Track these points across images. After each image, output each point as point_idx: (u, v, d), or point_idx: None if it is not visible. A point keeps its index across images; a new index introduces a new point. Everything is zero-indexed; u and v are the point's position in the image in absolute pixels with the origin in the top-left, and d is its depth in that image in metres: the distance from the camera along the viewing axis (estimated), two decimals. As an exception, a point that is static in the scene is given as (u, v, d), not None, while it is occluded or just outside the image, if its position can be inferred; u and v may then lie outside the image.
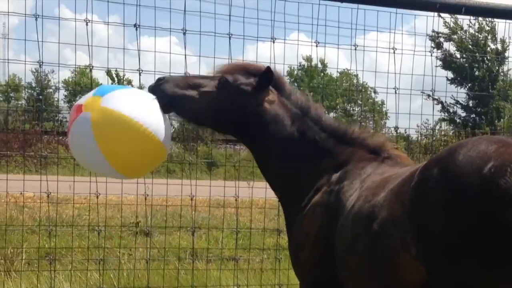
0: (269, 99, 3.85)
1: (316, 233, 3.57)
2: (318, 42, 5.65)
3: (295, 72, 38.14)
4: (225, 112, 3.82)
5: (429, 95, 13.43)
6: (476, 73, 29.01)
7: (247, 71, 3.88)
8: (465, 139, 2.93)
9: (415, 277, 2.79)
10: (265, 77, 3.80)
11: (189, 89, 3.83)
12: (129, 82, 34.21)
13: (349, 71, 6.39)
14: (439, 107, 28.93)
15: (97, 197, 5.35)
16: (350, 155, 3.78)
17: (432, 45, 25.57)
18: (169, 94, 3.75)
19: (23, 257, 7.38)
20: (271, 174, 4.02)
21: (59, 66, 5.60)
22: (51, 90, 34.22)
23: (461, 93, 30.51)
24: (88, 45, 5.21)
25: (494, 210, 2.45)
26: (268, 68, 3.81)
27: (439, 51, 28.10)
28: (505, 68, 28.13)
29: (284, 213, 4.05)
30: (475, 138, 2.83)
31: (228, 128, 4.00)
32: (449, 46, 29.61)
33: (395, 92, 5.75)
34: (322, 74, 30.88)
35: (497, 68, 28.44)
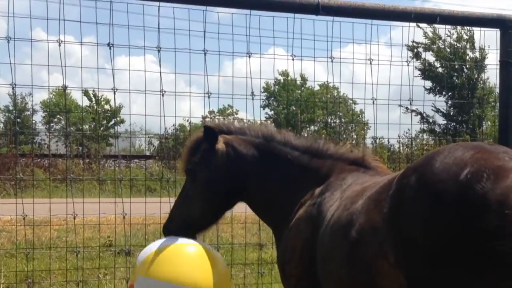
0: (223, 146, 4.03)
1: (302, 246, 3.58)
2: (295, 56, 5.66)
3: (272, 87, 38.30)
4: (212, 193, 4.04)
5: (407, 108, 13.52)
6: (456, 81, 29.38)
7: (193, 149, 4.11)
8: (442, 146, 2.93)
9: (394, 285, 2.78)
10: (207, 136, 4.00)
11: (183, 213, 4.08)
12: (107, 102, 34.08)
13: (328, 83, 6.37)
14: (418, 118, 29.24)
15: (74, 218, 5.26)
16: (331, 168, 3.84)
17: (411, 55, 25.88)
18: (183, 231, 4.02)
19: (2, 281, 7.24)
20: (261, 208, 4.15)
21: (32, 87, 5.57)
22: (28, 112, 33.98)
23: (441, 102, 30.78)
24: (62, 66, 5.19)
25: (471, 216, 2.44)
26: (205, 127, 4.04)
27: (418, 61, 28.44)
28: (484, 76, 28.54)
29: (274, 232, 4.14)
30: (451, 145, 2.84)
31: (225, 196, 4.12)
32: (428, 56, 29.98)
33: (373, 103, 5.77)
34: (302, 88, 31.03)
35: (476, 76, 28.85)
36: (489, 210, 2.41)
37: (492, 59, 5.19)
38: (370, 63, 5.70)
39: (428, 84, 29.46)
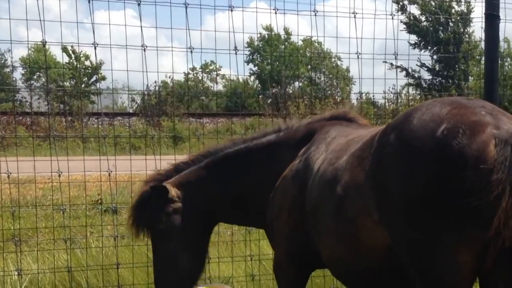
0: (176, 190, 3.98)
1: (290, 205, 3.60)
2: (277, 9, 5.59)
3: (256, 43, 37.90)
4: (192, 235, 3.96)
5: (392, 64, 13.50)
6: (441, 35, 29.26)
7: (143, 211, 4.01)
8: (420, 103, 2.95)
9: (378, 241, 2.83)
10: (157, 193, 3.93)
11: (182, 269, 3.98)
12: (87, 58, 33.52)
13: (312, 38, 6.30)
14: (404, 73, 29.23)
15: (59, 176, 5.24)
16: (310, 129, 3.83)
17: (396, 8, 25.66)
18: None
19: (-12, 240, 7.25)
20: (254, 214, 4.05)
21: (11, 42, 5.48)
22: (8, 70, 33.40)
23: (426, 56, 30.68)
24: (40, 20, 5.07)
25: (448, 172, 2.47)
26: (152, 188, 3.96)
27: (403, 14, 28.24)
28: (470, 30, 28.42)
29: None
30: (429, 101, 2.86)
31: (205, 228, 4.12)
32: (413, 10, 29.73)
33: (358, 57, 5.74)
34: (286, 43, 30.76)
35: (462, 30, 28.75)
36: (465, 166, 2.44)
37: (478, 13, 5.15)
38: (354, 17, 5.64)
39: (414, 38, 29.34)
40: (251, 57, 41.36)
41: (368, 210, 2.82)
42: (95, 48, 5.29)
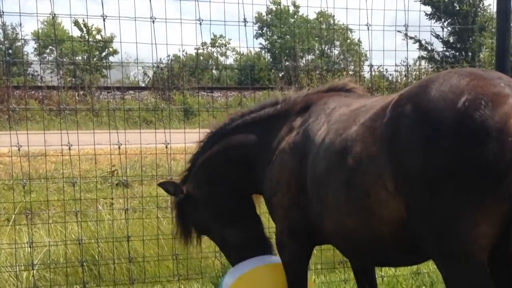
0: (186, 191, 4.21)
1: (287, 178, 3.54)
2: (288, -20, 5.51)
3: (265, 17, 37.54)
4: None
5: (406, 34, 13.32)
6: (457, 7, 28.78)
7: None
8: (435, 74, 2.89)
9: (392, 213, 2.79)
10: (170, 189, 4.23)
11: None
12: (99, 32, 33.41)
13: (322, 9, 6.21)
14: (417, 45, 28.82)
15: (70, 149, 5.26)
16: (307, 100, 3.78)
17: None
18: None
19: (2, 213, 7.33)
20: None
21: (20, 15, 5.47)
22: (19, 43, 33.37)
23: (438, 27, 30.18)
24: (49, -10, 5.05)
25: (470, 144, 2.44)
26: (159, 184, 4.34)
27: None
28: (485, 3, 27.93)
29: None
30: (445, 72, 2.80)
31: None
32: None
33: (368, 29, 5.66)
34: (295, 16, 30.45)
35: (477, 2, 28.27)
36: (488, 138, 2.41)
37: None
38: (366, -12, 5.55)
39: (428, 10, 28.84)
40: (260, 31, 41.00)
41: (382, 182, 2.77)
42: (104, 20, 5.29)
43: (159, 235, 5.83)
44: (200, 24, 5.37)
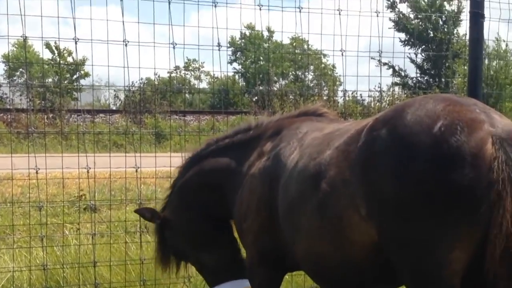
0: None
1: (257, 203, 3.52)
2: (262, 6, 5.53)
3: (238, 41, 37.73)
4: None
5: (379, 61, 13.48)
6: (431, 34, 29.36)
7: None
8: (410, 99, 2.89)
9: (364, 238, 2.76)
10: (146, 215, 4.30)
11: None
12: (70, 54, 33.10)
13: (297, 35, 6.26)
14: (390, 71, 29.26)
15: (37, 172, 5.14)
16: (278, 126, 3.78)
17: (386, 5, 25.74)
18: None
19: (-35, 238, 7.09)
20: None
21: (-9, 37, 5.36)
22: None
23: (413, 55, 30.74)
24: (21, 15, 5.02)
25: (446, 168, 2.43)
26: (136, 211, 4.46)
27: (393, 12, 28.28)
28: (460, 31, 28.56)
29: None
30: (420, 97, 2.82)
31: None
32: (403, 8, 29.81)
33: (342, 55, 5.69)
34: (269, 41, 30.69)
35: (452, 29, 28.88)
36: (463, 163, 2.40)
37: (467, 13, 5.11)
38: (339, 14, 5.59)
39: (403, 36, 29.37)
40: (234, 56, 41.15)
41: (355, 206, 2.75)
42: (76, 43, 5.23)
43: (126, 260, 5.70)
44: (174, 47, 5.34)
